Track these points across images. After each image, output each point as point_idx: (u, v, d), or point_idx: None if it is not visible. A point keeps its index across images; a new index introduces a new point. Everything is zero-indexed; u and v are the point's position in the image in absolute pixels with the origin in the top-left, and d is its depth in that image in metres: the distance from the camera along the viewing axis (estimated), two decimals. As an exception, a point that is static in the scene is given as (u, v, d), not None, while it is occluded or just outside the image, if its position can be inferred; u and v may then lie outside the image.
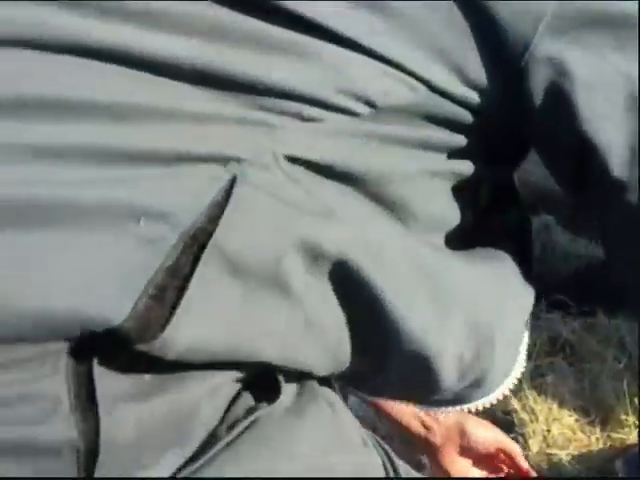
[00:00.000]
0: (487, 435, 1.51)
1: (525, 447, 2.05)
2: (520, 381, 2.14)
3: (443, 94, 0.58)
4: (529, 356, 2.28)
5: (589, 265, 2.88)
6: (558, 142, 0.63)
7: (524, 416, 2.11)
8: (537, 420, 2.10)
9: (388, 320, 0.60)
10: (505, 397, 2.02)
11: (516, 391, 2.19)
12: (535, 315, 2.55)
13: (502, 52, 0.58)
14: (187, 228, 0.52)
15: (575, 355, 2.39)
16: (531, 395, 2.17)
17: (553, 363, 2.36)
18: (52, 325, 0.49)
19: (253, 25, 0.54)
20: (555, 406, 2.17)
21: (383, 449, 0.80)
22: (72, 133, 0.51)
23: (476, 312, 0.70)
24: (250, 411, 0.62)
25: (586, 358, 2.37)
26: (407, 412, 1.90)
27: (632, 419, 2.15)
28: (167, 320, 0.51)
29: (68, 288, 0.49)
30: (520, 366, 0.81)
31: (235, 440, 0.60)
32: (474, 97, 0.60)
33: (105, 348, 0.53)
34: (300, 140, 0.56)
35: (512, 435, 2.09)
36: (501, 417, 2.15)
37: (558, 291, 2.64)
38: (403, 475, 0.81)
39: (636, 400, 2.17)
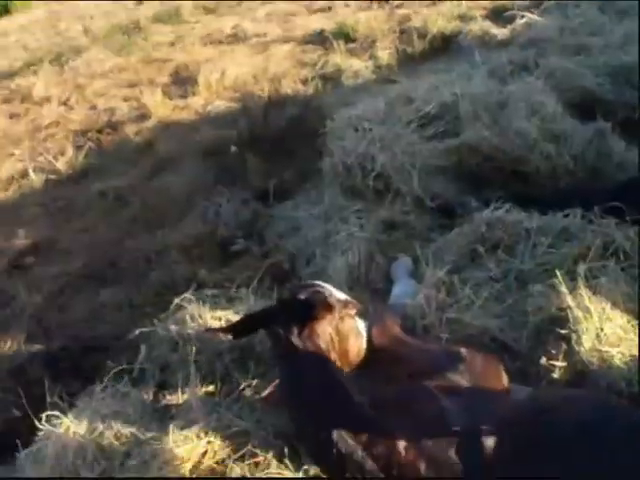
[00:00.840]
0: None
1: (578, 343, 2.15)
2: (575, 280, 2.23)
3: None
4: (583, 258, 2.37)
5: (645, 173, 2.92)
6: None
7: (579, 314, 2.20)
8: (591, 318, 2.20)
9: None
10: (560, 294, 2.12)
11: (571, 289, 2.28)
12: (589, 220, 2.61)
13: None
14: None
15: (628, 260, 2.46)
16: (586, 295, 2.25)
17: (606, 267, 2.43)
18: None
19: None
20: (608, 307, 2.26)
21: None
22: None
23: None
24: None
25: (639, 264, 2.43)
26: None
27: (681, 321, 2.25)
28: None
29: None
30: None
31: None
32: None
33: None
34: None
35: (566, 331, 2.20)
36: (556, 313, 2.25)
37: (613, 198, 2.70)
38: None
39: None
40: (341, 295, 2.38)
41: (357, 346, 2.30)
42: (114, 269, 3.74)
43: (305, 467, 1.92)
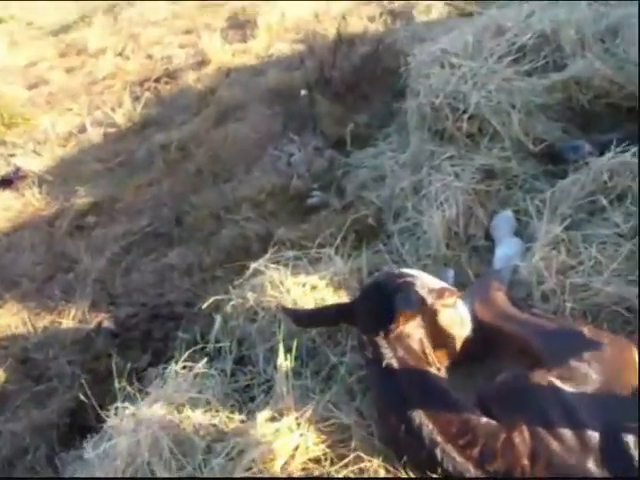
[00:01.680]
0: None
1: None
2: None
3: None
4: None
5: None
6: None
7: None
8: None
9: None
10: None
11: None
12: None
13: None
14: None
15: None
16: None
17: None
18: None
19: None
20: None
21: None
22: None
23: None
24: None
25: None
26: None
27: None
28: None
29: None
30: None
31: None
32: None
33: None
34: None
35: None
36: None
37: None
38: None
39: None
40: (434, 283, 2.01)
41: (460, 335, 1.96)
42: (181, 227, 3.47)
43: None
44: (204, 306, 2.50)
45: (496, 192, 2.78)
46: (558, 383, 1.67)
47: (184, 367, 2.11)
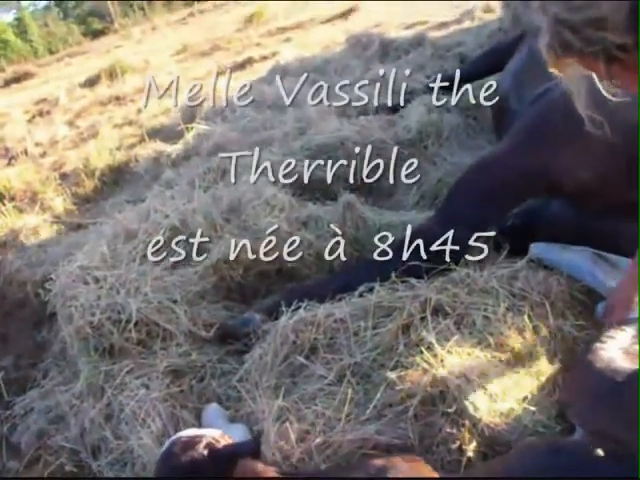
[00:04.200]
0: None
1: (475, 410, 1.95)
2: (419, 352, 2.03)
3: None
4: (407, 327, 2.18)
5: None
6: None
7: (457, 381, 1.99)
8: (468, 382, 2.01)
9: None
10: (427, 371, 1.91)
11: (436, 360, 2.09)
12: (392, 288, 2.49)
13: None
14: None
15: (455, 311, 2.35)
16: (452, 360, 2.07)
17: (437, 326, 2.30)
18: None
19: None
20: (475, 363, 2.11)
21: None
22: None
23: None
24: None
25: (466, 311, 2.35)
26: None
27: (540, 348, 2.19)
28: None
29: None
30: None
31: None
32: None
33: None
34: None
35: (453, 407, 1.98)
36: (435, 392, 2.02)
37: (401, 260, 2.63)
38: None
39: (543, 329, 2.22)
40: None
41: None
42: None
43: None
44: None
45: (190, 389, 2.68)
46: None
47: None
